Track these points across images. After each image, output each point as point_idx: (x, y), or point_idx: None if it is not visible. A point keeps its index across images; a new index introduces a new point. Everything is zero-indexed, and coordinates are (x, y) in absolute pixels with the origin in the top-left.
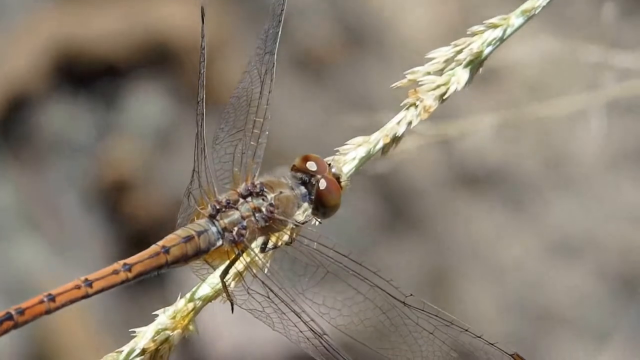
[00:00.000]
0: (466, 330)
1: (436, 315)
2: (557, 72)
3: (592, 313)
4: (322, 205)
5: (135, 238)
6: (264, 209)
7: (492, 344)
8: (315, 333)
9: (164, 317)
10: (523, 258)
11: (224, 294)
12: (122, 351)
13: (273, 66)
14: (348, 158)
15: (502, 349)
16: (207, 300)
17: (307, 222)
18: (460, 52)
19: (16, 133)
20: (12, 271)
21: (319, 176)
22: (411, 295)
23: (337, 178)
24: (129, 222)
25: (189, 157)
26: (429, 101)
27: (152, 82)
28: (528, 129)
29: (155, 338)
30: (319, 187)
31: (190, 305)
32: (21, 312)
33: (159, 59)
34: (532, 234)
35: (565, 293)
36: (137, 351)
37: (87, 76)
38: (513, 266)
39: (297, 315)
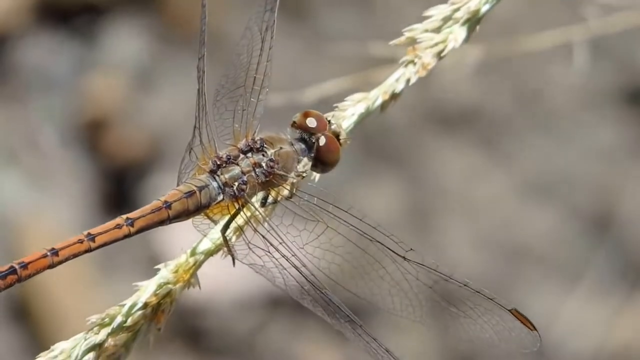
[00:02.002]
0: (465, 285)
1: (435, 270)
2: (536, 8)
3: (564, 252)
4: (321, 162)
5: (113, 174)
6: (264, 164)
7: (491, 299)
8: (316, 287)
9: (166, 271)
10: (497, 197)
11: (225, 249)
12: (125, 305)
13: (273, 23)
14: (347, 114)
15: (500, 304)
16: (209, 254)
17: (306, 176)
18: (457, 10)
19: None
20: None
21: (318, 133)
22: (411, 250)
23: (337, 135)
24: (106, 158)
25: (167, 95)
26: (427, 58)
27: (131, 20)
28: (504, 67)
29: (158, 292)
30: (318, 144)
31: (192, 260)
32: (24, 266)
33: None
34: (506, 173)
35: (538, 232)
36: (140, 305)
37: (67, 13)
38: (487, 205)
39: (297, 269)
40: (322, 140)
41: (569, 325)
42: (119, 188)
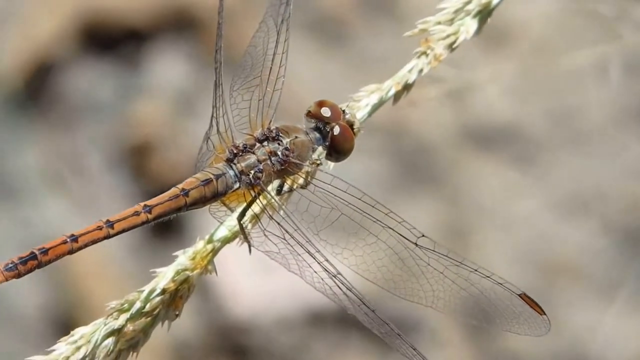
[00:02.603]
0: (475, 270)
1: (446, 255)
2: (571, 26)
3: (599, 267)
4: (335, 151)
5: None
6: (279, 153)
7: (500, 284)
8: (329, 273)
9: (183, 257)
10: (532, 213)
11: (241, 236)
12: (143, 291)
13: (289, 16)
14: (361, 105)
15: (510, 289)
16: (226, 241)
17: (320, 164)
18: (469, 2)
19: (44, 95)
20: (37, 230)
21: (333, 122)
22: (423, 236)
23: (351, 124)
24: (150, 182)
25: (208, 118)
26: (439, 50)
27: (174, 47)
28: (538, 84)
29: (175, 278)
30: (333, 133)
31: (210, 247)
32: (45, 251)
33: (181, 24)
34: (542, 189)
35: (574, 247)
36: (158, 291)
37: (112, 40)
38: (522, 221)
39: (311, 255)
40: (337, 130)
41: (607, 338)
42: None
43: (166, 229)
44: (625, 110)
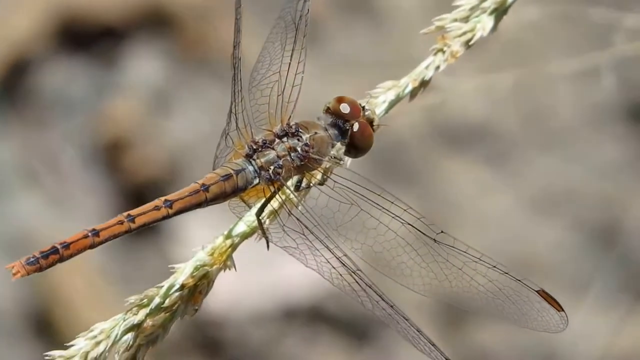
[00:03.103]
0: (494, 267)
1: (465, 252)
2: (561, 34)
3: (570, 264)
4: (354, 147)
5: (132, 194)
6: (299, 149)
7: (519, 280)
8: (349, 269)
9: (202, 253)
10: (506, 212)
11: (260, 231)
12: (162, 286)
13: (307, 12)
14: (379, 101)
15: (528, 286)
16: (244, 237)
17: (339, 161)
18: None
19: (19, 92)
20: (12, 225)
21: (352, 119)
22: (442, 232)
23: (370, 121)
24: (126, 178)
25: (184, 116)
26: (456, 47)
27: (149, 44)
28: (511, 84)
29: (194, 274)
30: (352, 130)
31: (228, 242)
32: (66, 246)
33: (156, 22)
34: (514, 188)
35: (546, 246)
36: (177, 286)
37: (87, 38)
38: (496, 219)
39: (330, 251)
40: (356, 126)
41: (576, 335)
42: (138, 205)
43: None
44: (596, 109)
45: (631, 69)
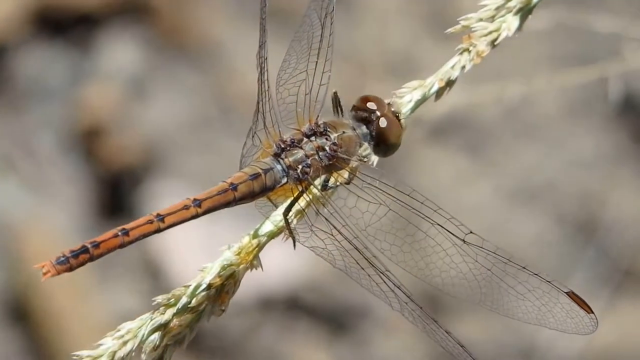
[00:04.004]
0: (524, 268)
1: (494, 253)
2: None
3: (550, 256)
4: (383, 143)
5: (108, 181)
6: (327, 148)
7: (549, 282)
8: (377, 269)
9: (229, 253)
10: (484, 203)
11: (287, 231)
12: (190, 285)
13: (333, 10)
14: (405, 101)
15: (558, 287)
16: (271, 236)
17: (367, 160)
18: None
19: None
20: None
21: (379, 114)
22: (471, 232)
23: (397, 116)
24: (102, 165)
25: (160, 103)
26: (482, 46)
27: (126, 30)
28: (491, 75)
29: (222, 273)
30: (379, 126)
31: (255, 242)
32: (96, 245)
33: (133, 8)
34: (493, 179)
35: (524, 237)
36: (204, 286)
37: (63, 24)
38: (474, 210)
39: (359, 251)
40: (383, 122)
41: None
42: (114, 194)
43: (116, 212)
44: (574, 101)
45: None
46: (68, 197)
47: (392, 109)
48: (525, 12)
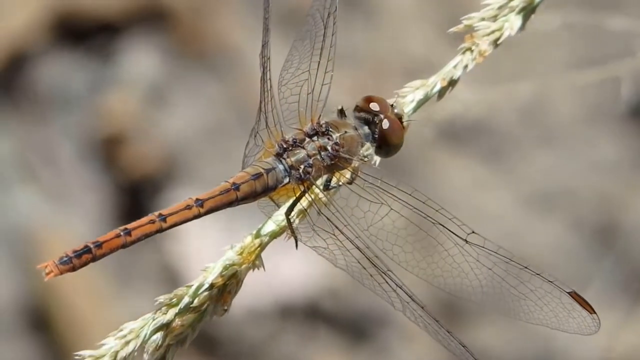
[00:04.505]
0: (525, 267)
1: (496, 252)
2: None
3: (568, 263)
4: (385, 144)
5: (128, 189)
6: (329, 148)
7: (551, 282)
8: (379, 269)
9: (231, 252)
10: (501, 209)
11: (289, 231)
12: (192, 285)
13: (335, 9)
14: (407, 100)
15: (560, 287)
16: (273, 236)
17: (369, 160)
18: None
19: (16, 86)
20: (9, 219)
21: (381, 116)
22: (473, 232)
23: (400, 118)
24: (122, 173)
25: (180, 111)
26: (484, 46)
27: (146, 38)
28: (509, 81)
29: (224, 273)
30: (382, 127)
31: (257, 241)
32: (99, 245)
33: (153, 16)
34: (511, 185)
35: (543, 244)
36: (206, 286)
37: (84, 32)
38: (492, 217)
39: (361, 251)
40: (386, 124)
41: (573, 335)
42: (134, 202)
43: (136, 217)
44: (593, 107)
45: None
46: (88, 205)
47: (395, 111)
48: (528, 12)
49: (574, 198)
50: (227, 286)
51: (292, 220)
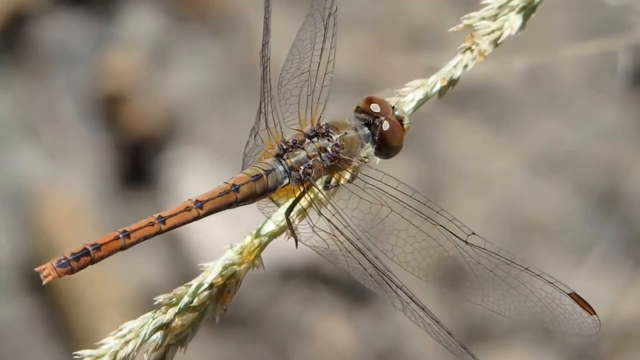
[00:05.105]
0: (526, 269)
1: (497, 254)
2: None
3: (572, 227)
4: (385, 146)
5: (129, 148)
6: (329, 149)
7: (551, 283)
8: (379, 270)
9: (231, 252)
10: (507, 173)
11: (289, 231)
12: (191, 285)
13: (336, 10)
14: (407, 100)
15: (560, 288)
16: (273, 236)
17: (369, 161)
18: None
19: (18, 45)
20: (11, 177)
21: (382, 118)
22: (473, 234)
23: (400, 120)
24: (123, 132)
25: (182, 71)
26: (484, 45)
27: None
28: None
29: (223, 273)
30: (382, 129)
31: (257, 241)
32: (97, 247)
33: None
34: (516, 149)
35: (547, 208)
36: (205, 285)
37: None
38: (497, 181)
39: (361, 252)
40: (386, 125)
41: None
42: (135, 161)
43: (137, 179)
44: (598, 72)
45: None
46: (89, 164)
47: (396, 113)
48: (528, 11)
49: (576, 162)
50: (226, 286)
51: (291, 221)
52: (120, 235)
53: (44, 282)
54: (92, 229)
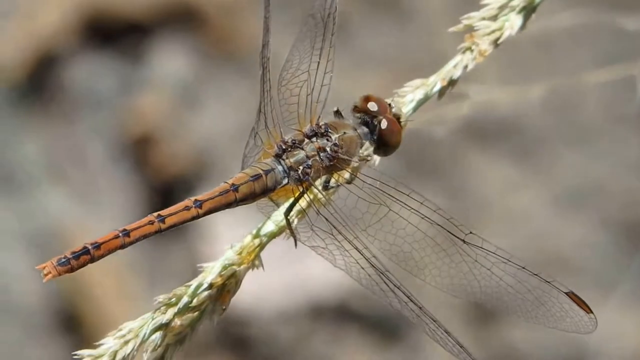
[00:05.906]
0: (523, 268)
1: (494, 253)
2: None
3: (598, 262)
4: (383, 144)
5: (159, 189)
6: (328, 149)
7: (548, 282)
8: (377, 269)
9: (231, 252)
10: (531, 208)
11: (288, 231)
12: (191, 285)
13: (335, 10)
14: (406, 100)
15: (558, 287)
16: (272, 236)
17: (369, 160)
18: None
19: (46, 88)
20: (41, 221)
21: (380, 116)
22: (471, 233)
23: (398, 118)
24: (153, 174)
25: (211, 111)
26: (484, 45)
27: (176, 39)
28: (539, 80)
29: (223, 273)
30: (380, 127)
31: (257, 241)
32: (97, 246)
33: (183, 16)
34: (542, 184)
35: (573, 242)
36: (205, 285)
37: (114, 33)
38: (522, 215)
39: (359, 251)
40: (384, 123)
41: (605, 334)
42: (165, 203)
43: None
44: (618, 98)
45: None
46: (119, 206)
47: (393, 110)
48: (528, 11)
49: (603, 196)
50: (226, 286)
51: (291, 221)
52: (120, 234)
53: (44, 280)
54: (125, 269)
